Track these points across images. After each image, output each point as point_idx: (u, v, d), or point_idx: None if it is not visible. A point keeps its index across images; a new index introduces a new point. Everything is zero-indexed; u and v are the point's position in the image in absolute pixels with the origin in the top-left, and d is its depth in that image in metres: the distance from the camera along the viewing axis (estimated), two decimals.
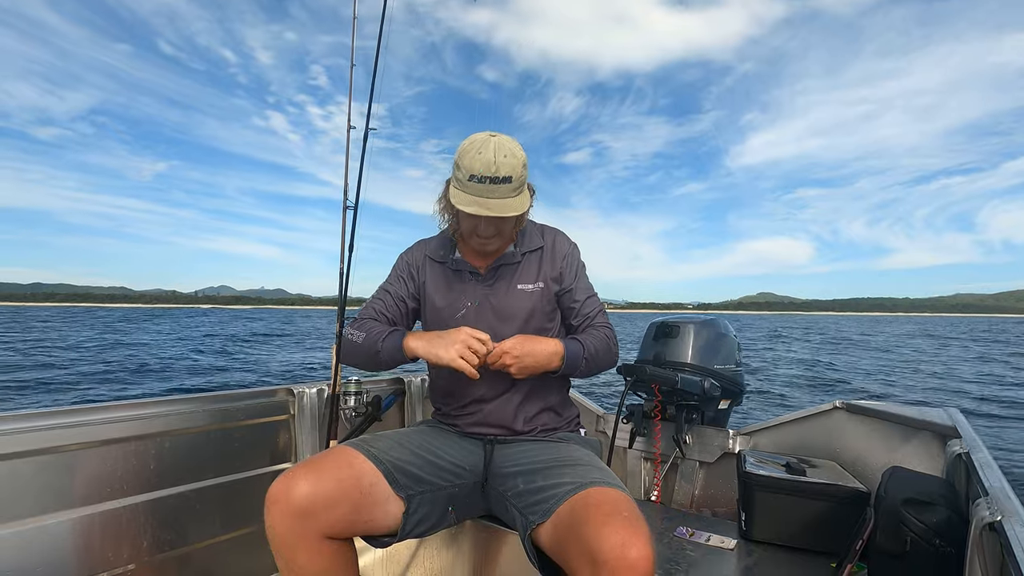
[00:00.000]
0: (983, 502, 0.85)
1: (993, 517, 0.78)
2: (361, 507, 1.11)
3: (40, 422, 1.27)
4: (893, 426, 1.57)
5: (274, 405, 1.77)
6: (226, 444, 1.63)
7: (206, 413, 1.58)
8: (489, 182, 1.18)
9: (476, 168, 1.18)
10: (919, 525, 1.02)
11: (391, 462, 1.19)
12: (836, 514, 1.43)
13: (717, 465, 1.99)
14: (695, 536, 1.53)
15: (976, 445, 1.19)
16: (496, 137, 1.22)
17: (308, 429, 1.81)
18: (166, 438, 1.49)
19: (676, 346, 2.02)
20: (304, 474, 1.07)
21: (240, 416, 1.67)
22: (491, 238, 1.31)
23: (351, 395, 1.87)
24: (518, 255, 1.38)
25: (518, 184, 1.22)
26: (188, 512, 1.52)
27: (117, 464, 1.40)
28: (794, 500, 1.47)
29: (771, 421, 1.93)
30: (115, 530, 1.38)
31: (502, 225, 1.29)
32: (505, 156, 1.19)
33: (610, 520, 0.93)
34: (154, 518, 1.45)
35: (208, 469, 1.58)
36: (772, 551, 1.45)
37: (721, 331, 2.08)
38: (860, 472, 1.60)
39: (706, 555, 1.42)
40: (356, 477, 1.12)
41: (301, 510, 1.04)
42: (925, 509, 1.04)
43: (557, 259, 1.41)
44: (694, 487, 2.02)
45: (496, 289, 1.37)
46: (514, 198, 1.22)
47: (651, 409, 2.02)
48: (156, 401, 1.49)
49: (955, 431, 1.33)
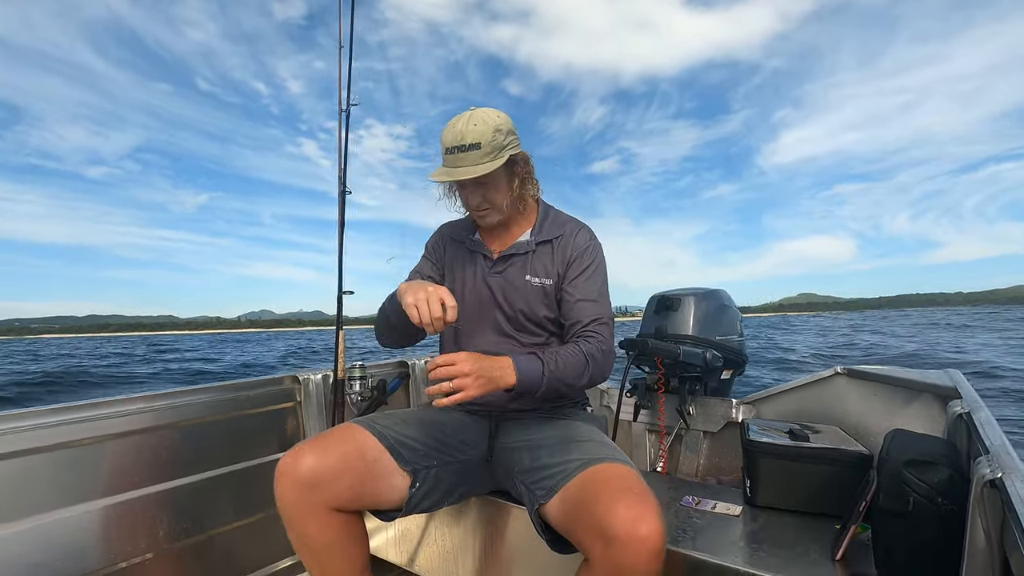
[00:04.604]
0: (984, 460, 0.86)
1: (994, 474, 0.79)
2: (366, 479, 1.14)
3: (54, 418, 1.29)
4: (894, 389, 1.58)
5: (281, 393, 1.79)
6: (236, 432, 1.65)
7: (215, 403, 1.60)
8: (457, 151, 1.20)
9: (447, 140, 1.22)
10: (921, 485, 1.04)
11: (395, 437, 1.21)
12: (839, 478, 1.45)
13: (721, 434, 2.01)
14: (701, 504, 1.56)
15: (977, 405, 1.20)
16: (475, 110, 1.24)
17: (315, 415, 1.83)
18: (177, 429, 1.51)
19: (677, 319, 2.02)
20: (310, 448, 1.11)
21: (248, 405, 1.69)
22: (483, 210, 1.31)
23: (356, 380, 1.88)
24: (532, 244, 1.35)
25: (489, 150, 1.20)
26: (202, 500, 1.55)
27: (131, 456, 1.42)
28: (798, 466, 1.49)
29: (773, 389, 1.94)
30: (131, 521, 1.41)
31: (486, 193, 1.28)
32: (475, 125, 1.20)
33: (620, 496, 0.95)
34: (169, 507, 1.48)
35: (219, 458, 1.60)
36: (777, 516, 1.48)
37: (723, 302, 2.08)
38: (862, 436, 1.62)
39: (712, 522, 1.44)
40: (360, 450, 1.15)
41: (307, 482, 1.07)
42: (927, 469, 1.05)
43: (569, 251, 1.34)
44: (699, 457, 2.05)
45: (506, 277, 1.35)
46: (484, 163, 1.21)
47: (654, 382, 2.03)
48: (166, 393, 1.51)
49: (956, 392, 1.34)
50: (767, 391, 1.96)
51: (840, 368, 1.77)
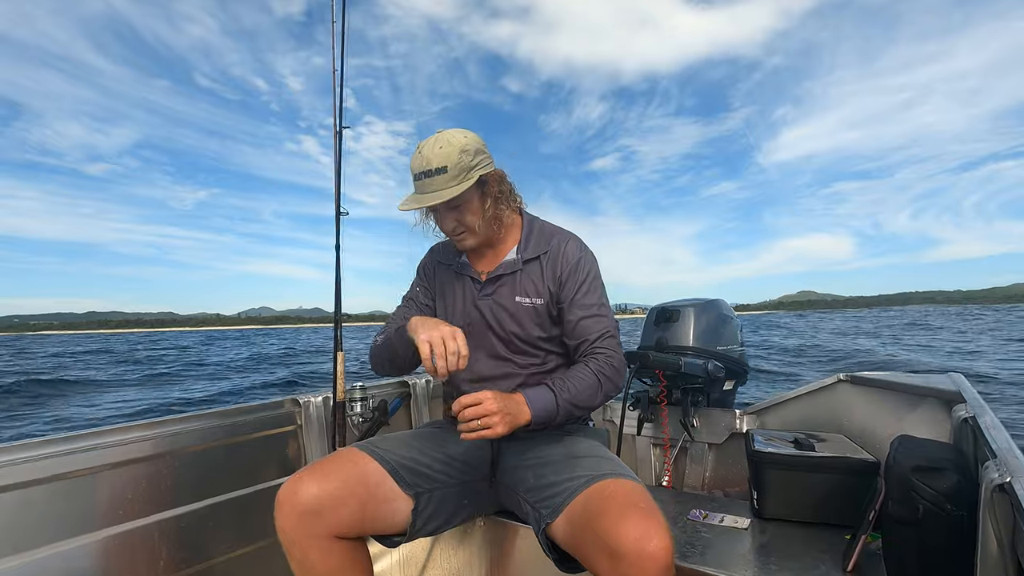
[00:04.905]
0: (992, 464, 0.85)
1: (1003, 479, 0.78)
2: (368, 505, 1.12)
3: (51, 449, 1.28)
4: (898, 395, 1.58)
5: (281, 416, 1.77)
6: (235, 458, 1.63)
7: (214, 429, 1.59)
8: (424, 176, 1.20)
9: (414, 167, 1.22)
10: (930, 491, 1.03)
11: (396, 460, 1.20)
12: (847, 486, 1.43)
13: (726, 446, 2.00)
14: (708, 518, 1.54)
15: (981, 408, 1.20)
16: (441, 132, 1.23)
17: (316, 438, 1.81)
18: (176, 457, 1.50)
19: (677, 330, 2.02)
20: (310, 475, 1.09)
21: (248, 430, 1.67)
22: (459, 234, 1.29)
23: (356, 401, 1.87)
24: (519, 262, 1.33)
25: (457, 172, 1.19)
26: (202, 529, 1.53)
27: (129, 486, 1.40)
28: (804, 475, 1.48)
29: (776, 398, 1.93)
30: (131, 552, 1.38)
31: (459, 216, 1.26)
32: (440, 148, 1.19)
33: (627, 512, 0.93)
34: (169, 537, 1.46)
35: (219, 485, 1.58)
36: (786, 527, 1.46)
37: (722, 312, 2.08)
38: (868, 443, 1.60)
39: (721, 536, 1.42)
40: (361, 475, 1.14)
41: (308, 510, 1.05)
42: (935, 475, 1.04)
43: (560, 267, 1.31)
44: (705, 469, 2.03)
45: (496, 300, 1.33)
46: (451, 187, 1.19)
47: (657, 394, 2.02)
48: (164, 420, 1.50)
49: (960, 396, 1.33)
50: (770, 400, 1.95)
51: (843, 375, 1.76)
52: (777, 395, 1.94)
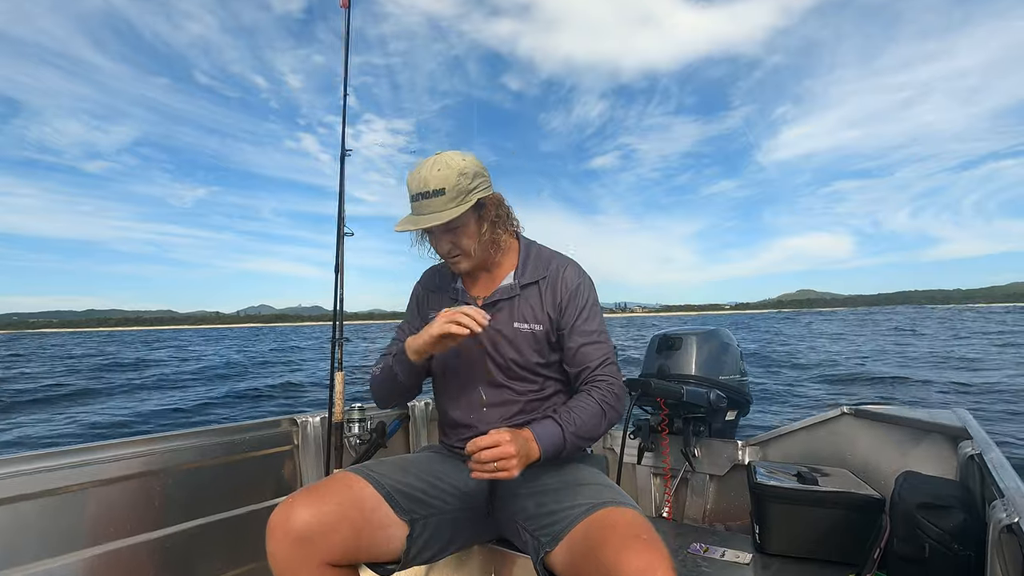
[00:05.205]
0: (999, 504, 0.84)
1: (1011, 519, 0.77)
2: (362, 531, 1.09)
3: (42, 463, 1.26)
4: (902, 430, 1.56)
5: (277, 436, 1.76)
6: (230, 478, 1.61)
7: (209, 447, 1.57)
8: (422, 198, 1.20)
9: (412, 187, 1.22)
10: (936, 530, 1.01)
11: (392, 486, 1.17)
12: (851, 522, 1.40)
13: (728, 477, 1.97)
14: (709, 552, 1.51)
15: (988, 445, 1.18)
16: (440, 154, 1.23)
17: (312, 458, 1.79)
18: (169, 474, 1.48)
19: (679, 358, 2.01)
20: (304, 500, 1.06)
21: (243, 449, 1.65)
22: (455, 257, 1.28)
23: (355, 422, 1.85)
24: (516, 288, 1.31)
25: (455, 195, 1.19)
26: (193, 549, 1.50)
27: (121, 503, 1.38)
28: (808, 510, 1.45)
29: (779, 430, 1.91)
30: (121, 571, 1.36)
31: (455, 239, 1.25)
32: (439, 170, 1.19)
33: (629, 543, 0.91)
34: (160, 556, 1.43)
35: (212, 504, 1.56)
36: (788, 563, 1.43)
37: (724, 341, 2.07)
38: (872, 478, 1.58)
39: (722, 571, 1.39)
40: (357, 500, 1.11)
41: (301, 536, 1.03)
42: (941, 513, 1.02)
43: (559, 293, 1.29)
44: (706, 501, 1.99)
45: (494, 326, 1.30)
46: (449, 209, 1.19)
47: (658, 423, 2.00)
48: (158, 437, 1.48)
49: (965, 432, 1.31)
50: (773, 432, 1.93)
51: (846, 408, 1.74)
52: (780, 427, 1.92)
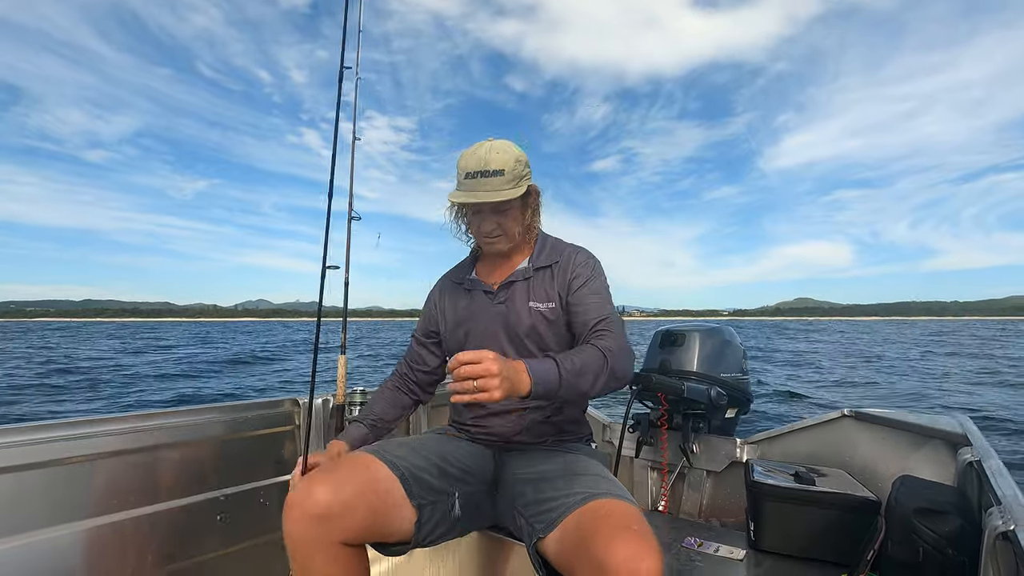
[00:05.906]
0: (996, 511, 0.84)
1: (1007, 526, 0.77)
2: (377, 512, 1.11)
3: (46, 434, 1.28)
4: (902, 434, 1.56)
5: (280, 416, 1.77)
6: (232, 455, 1.63)
7: (212, 424, 1.59)
8: (480, 176, 1.24)
9: (469, 166, 1.26)
10: (931, 535, 1.01)
11: (407, 468, 1.19)
12: (846, 523, 1.41)
13: (725, 474, 1.97)
14: (703, 547, 1.52)
15: (987, 453, 1.18)
16: (493, 140, 1.29)
17: (314, 439, 1.80)
18: (172, 449, 1.50)
19: (682, 354, 2.01)
20: (323, 479, 1.08)
21: (246, 427, 1.67)
22: (495, 237, 1.33)
23: (356, 405, 1.86)
24: (530, 270, 1.37)
25: (512, 178, 1.25)
26: (194, 524, 1.52)
27: (123, 476, 1.40)
28: (803, 509, 1.45)
29: (779, 430, 1.91)
30: (121, 543, 1.38)
31: (501, 220, 1.31)
32: (498, 152, 1.25)
33: (619, 533, 0.93)
34: (160, 530, 1.45)
35: (214, 480, 1.58)
36: (781, 561, 1.44)
37: (726, 339, 2.07)
38: (870, 481, 1.58)
39: (715, 566, 1.40)
40: (373, 481, 1.13)
41: (320, 515, 1.04)
42: (937, 518, 1.02)
43: (569, 272, 1.34)
44: (702, 497, 2.00)
45: (508, 307, 1.35)
46: (507, 190, 1.25)
47: (657, 418, 2.01)
48: (162, 412, 1.50)
49: (966, 439, 1.31)
50: (772, 432, 1.93)
51: (847, 411, 1.74)
52: (780, 427, 1.92)
